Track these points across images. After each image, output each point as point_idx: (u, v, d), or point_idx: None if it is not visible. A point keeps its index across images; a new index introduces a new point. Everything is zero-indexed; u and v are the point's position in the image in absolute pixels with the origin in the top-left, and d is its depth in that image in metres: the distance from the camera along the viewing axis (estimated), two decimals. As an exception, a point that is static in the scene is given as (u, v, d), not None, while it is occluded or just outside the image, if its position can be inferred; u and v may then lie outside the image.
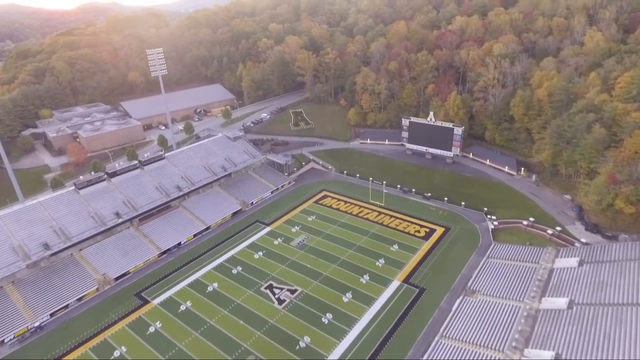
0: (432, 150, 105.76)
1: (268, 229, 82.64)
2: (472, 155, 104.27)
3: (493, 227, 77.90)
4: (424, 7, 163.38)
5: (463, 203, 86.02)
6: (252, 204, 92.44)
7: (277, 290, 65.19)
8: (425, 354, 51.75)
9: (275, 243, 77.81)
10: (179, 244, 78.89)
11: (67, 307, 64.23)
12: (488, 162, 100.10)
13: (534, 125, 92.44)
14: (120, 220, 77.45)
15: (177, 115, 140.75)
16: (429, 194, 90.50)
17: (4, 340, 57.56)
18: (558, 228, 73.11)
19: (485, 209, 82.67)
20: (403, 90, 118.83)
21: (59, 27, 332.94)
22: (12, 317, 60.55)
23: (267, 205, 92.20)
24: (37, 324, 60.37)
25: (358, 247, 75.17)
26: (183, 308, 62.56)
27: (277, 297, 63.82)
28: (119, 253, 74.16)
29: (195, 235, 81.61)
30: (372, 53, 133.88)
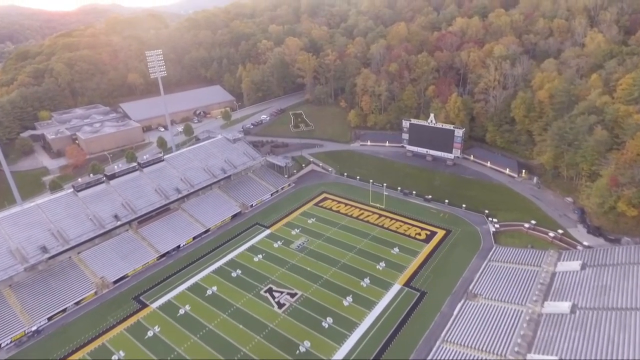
0: (432, 152, 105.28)
1: (268, 232, 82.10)
2: (472, 157, 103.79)
3: (494, 229, 77.37)
4: (424, 8, 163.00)
5: (464, 205, 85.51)
6: (251, 207, 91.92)
7: (276, 294, 64.63)
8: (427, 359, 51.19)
9: (275, 246, 77.27)
10: (178, 247, 78.35)
11: (64, 311, 63.69)
12: (489, 164, 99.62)
13: (535, 127, 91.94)
14: (119, 223, 76.95)
15: (176, 117, 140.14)
16: (430, 196, 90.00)
17: (1, 345, 57.00)
18: (560, 231, 72.57)
19: (487, 212, 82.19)
20: (403, 92, 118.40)
21: (59, 28, 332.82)
22: (9, 321, 60.03)
23: (266, 208, 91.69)
24: (34, 328, 59.80)
25: (358, 250, 74.64)
26: (182, 312, 62.00)
27: (276, 300, 63.27)
28: (118, 256, 73.66)
29: (195, 238, 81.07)
30: (372, 54, 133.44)
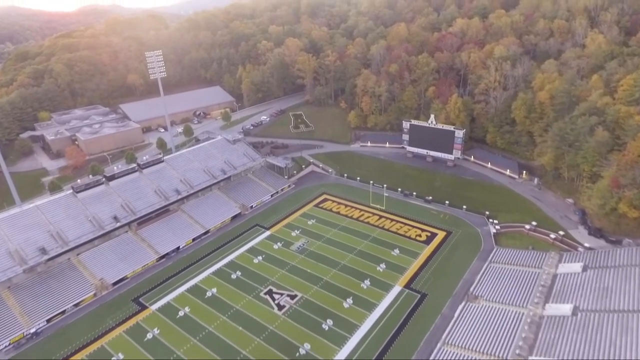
0: (433, 153, 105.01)
1: (268, 233, 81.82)
2: (473, 158, 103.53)
3: (495, 231, 77.07)
4: (425, 9, 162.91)
5: (464, 206, 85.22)
6: (251, 208, 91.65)
7: (276, 296, 64.33)
8: (428, 362, 50.95)
9: (275, 247, 76.97)
10: (178, 249, 78.06)
11: (63, 312, 63.36)
12: (489, 165, 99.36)
13: (536, 128, 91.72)
14: (119, 224, 76.64)
15: (176, 118, 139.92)
16: (430, 198, 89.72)
17: (-1, 347, 56.73)
18: (561, 232, 72.26)
19: (487, 213, 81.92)
20: (404, 93, 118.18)
21: (59, 29, 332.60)
22: (7, 323, 59.66)
23: (266, 209, 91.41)
24: (33, 330, 59.45)
25: (358, 251, 74.34)
26: (181, 314, 61.69)
27: (276, 302, 62.97)
28: (117, 258, 73.35)
29: (194, 240, 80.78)
30: (372, 55, 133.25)
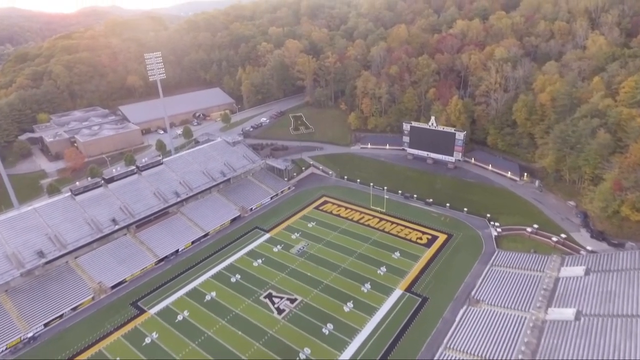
0: (433, 155, 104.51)
1: (267, 236, 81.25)
2: (474, 161, 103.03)
3: (496, 234, 76.58)
4: (425, 10, 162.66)
5: (465, 209, 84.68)
6: (251, 210, 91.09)
7: (276, 300, 63.75)
8: (429, 367, 50.44)
9: (275, 250, 76.41)
10: (177, 251, 77.48)
11: (61, 316, 62.80)
12: (490, 167, 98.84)
13: (537, 130, 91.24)
14: (117, 227, 76.09)
15: (175, 120, 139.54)
16: (431, 200, 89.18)
17: (-4, 352, 56.18)
18: (563, 235, 71.74)
19: (488, 215, 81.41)
20: (404, 95, 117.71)
21: (59, 30, 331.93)
22: (4, 327, 59.07)
23: (266, 211, 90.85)
24: (30, 335, 58.91)
25: (359, 254, 73.77)
26: (180, 318, 61.10)
27: (276, 306, 62.38)
28: (115, 261, 72.77)
29: (194, 242, 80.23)
30: (372, 57, 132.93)
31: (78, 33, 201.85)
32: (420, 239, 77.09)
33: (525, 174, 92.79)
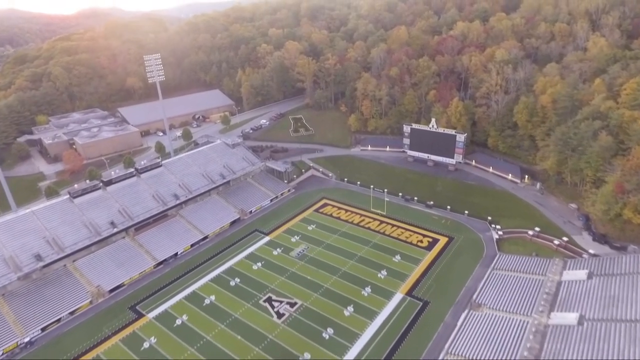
0: (434, 157, 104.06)
1: (267, 239, 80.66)
2: (474, 163, 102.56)
3: (497, 237, 76.01)
4: (425, 12, 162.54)
5: (466, 212, 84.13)
6: (250, 213, 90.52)
7: (276, 304, 63.14)
8: (431, 372, 49.83)
9: (275, 253, 75.83)
10: (176, 255, 76.90)
11: (59, 321, 62.17)
12: (491, 169, 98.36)
13: (538, 132, 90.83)
14: (116, 230, 75.54)
15: (175, 122, 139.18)
16: (432, 203, 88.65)
17: (-7, 357, 55.56)
18: (565, 238, 71.23)
19: (489, 218, 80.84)
20: (404, 97, 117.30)
21: (59, 32, 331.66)
22: (1, 332, 58.45)
23: (266, 214, 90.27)
24: (27, 339, 58.27)
25: (359, 257, 73.20)
26: (179, 322, 60.47)
27: (276, 310, 61.76)
28: (114, 264, 72.17)
29: (193, 245, 79.62)
30: (372, 59, 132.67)
31: (77, 35, 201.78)
32: (421, 242, 76.54)
33: (527, 177, 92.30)
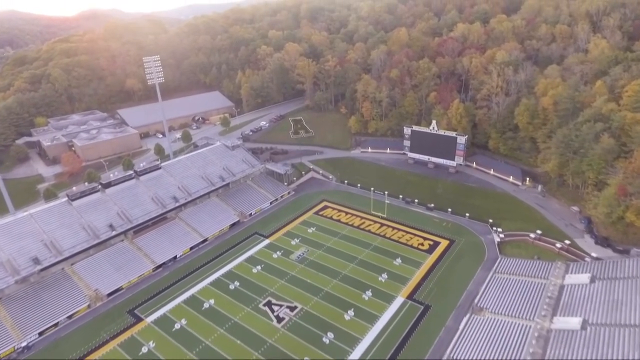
0: (434, 160, 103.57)
1: (267, 242, 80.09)
2: (475, 165, 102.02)
3: (499, 239, 75.45)
4: (425, 14, 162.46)
5: (467, 214, 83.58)
6: (250, 215, 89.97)
7: (276, 307, 62.53)
8: (432, 378, 49.22)
9: (274, 256, 75.23)
10: (175, 258, 76.30)
11: (56, 325, 61.50)
12: (492, 171, 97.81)
13: (539, 135, 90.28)
14: (114, 233, 74.96)
15: (174, 123, 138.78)
16: (432, 205, 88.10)
17: (-11, 362, 54.93)
18: (567, 241, 70.63)
19: (491, 221, 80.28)
20: (405, 98, 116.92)
21: (59, 33, 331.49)
22: (-2, 336, 57.90)
23: (266, 217, 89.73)
24: (24, 344, 57.60)
25: (360, 260, 72.60)
26: (178, 326, 59.86)
27: (276, 314, 61.16)
28: (112, 267, 71.56)
29: (192, 248, 79.06)
30: (372, 60, 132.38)
31: (77, 36, 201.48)
32: (422, 245, 75.97)
33: (528, 179, 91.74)
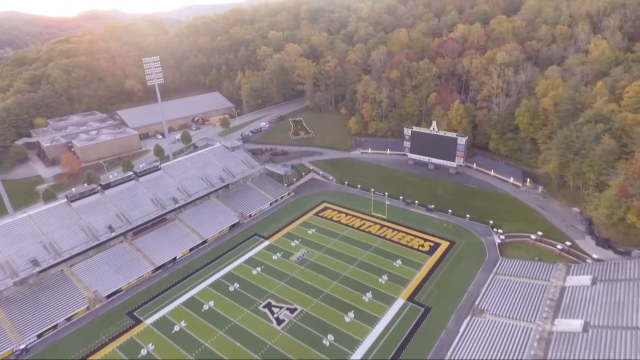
0: (434, 161, 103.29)
1: (267, 243, 79.80)
2: (475, 166, 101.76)
3: (500, 241, 75.19)
4: (425, 14, 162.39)
5: (468, 215, 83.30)
6: (250, 217, 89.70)
7: (275, 309, 62.24)
8: (433, 381, 48.94)
9: (274, 258, 74.94)
10: (174, 259, 76.01)
11: (55, 327, 61.25)
12: (492, 172, 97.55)
13: (540, 135, 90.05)
14: (113, 235, 74.71)
15: (174, 124, 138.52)
16: (433, 206, 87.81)
17: (-13, 364, 54.64)
18: (568, 243, 70.36)
19: (491, 222, 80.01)
20: (405, 99, 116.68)
21: (59, 34, 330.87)
22: (-4, 338, 57.61)
23: (265, 218, 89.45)
24: (22, 346, 57.33)
25: (360, 262, 72.32)
26: (177, 329, 59.56)
27: (275, 316, 60.87)
28: (112, 269, 71.30)
29: (191, 250, 78.78)
30: (372, 61, 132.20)
31: (76, 37, 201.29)
32: (422, 247, 75.70)
33: (528, 180, 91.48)
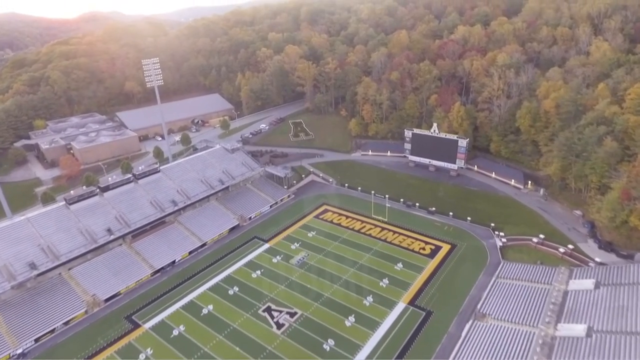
0: (435, 163, 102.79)
1: (267, 246, 79.25)
2: (476, 168, 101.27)
3: (501, 244, 74.64)
4: (426, 16, 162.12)
5: (469, 218, 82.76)
6: (250, 219, 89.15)
7: (275, 313, 61.65)
8: (435, 386, 48.34)
9: (274, 261, 74.39)
10: (174, 262, 75.46)
11: (53, 331, 60.66)
12: (494, 175, 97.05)
13: (541, 138, 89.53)
14: (112, 237, 74.18)
15: (174, 126, 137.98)
16: (434, 209, 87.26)
17: (-16, 369, 54.03)
18: (570, 246, 69.80)
19: (493, 225, 79.42)
20: (405, 101, 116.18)
21: (59, 36, 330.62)
22: (-7, 343, 56.99)
23: (265, 220, 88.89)
24: (19, 351, 56.82)
25: (360, 265, 71.75)
26: (176, 333, 58.99)
27: (275, 320, 60.27)
28: (110, 272, 70.71)
29: (191, 253, 78.22)
30: (373, 63, 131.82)
31: (76, 39, 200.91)
32: (424, 250, 75.12)
33: (530, 182, 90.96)
